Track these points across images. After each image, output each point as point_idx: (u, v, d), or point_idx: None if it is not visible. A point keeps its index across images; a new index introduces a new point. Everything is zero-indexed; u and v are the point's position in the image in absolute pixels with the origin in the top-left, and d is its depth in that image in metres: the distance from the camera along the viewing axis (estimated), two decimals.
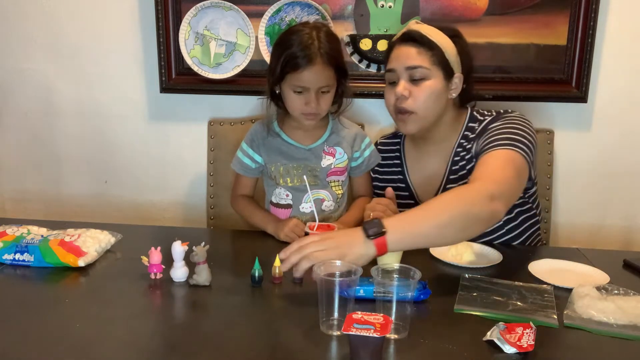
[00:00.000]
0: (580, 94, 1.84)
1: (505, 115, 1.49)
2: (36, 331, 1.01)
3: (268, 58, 1.65)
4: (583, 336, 1.02)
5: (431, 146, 1.57)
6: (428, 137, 1.56)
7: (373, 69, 1.88)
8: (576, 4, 1.77)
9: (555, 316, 1.07)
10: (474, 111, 1.55)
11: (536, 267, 1.29)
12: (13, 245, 1.29)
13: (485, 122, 1.49)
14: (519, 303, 1.11)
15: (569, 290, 1.16)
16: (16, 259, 1.28)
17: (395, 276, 1.05)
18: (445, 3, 1.81)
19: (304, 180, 1.52)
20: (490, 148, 1.37)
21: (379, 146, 1.70)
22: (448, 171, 1.54)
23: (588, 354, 0.99)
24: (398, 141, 1.67)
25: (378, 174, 1.69)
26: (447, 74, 1.46)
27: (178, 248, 1.19)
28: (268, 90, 1.53)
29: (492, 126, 1.46)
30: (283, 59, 1.45)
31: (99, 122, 2.08)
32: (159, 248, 1.21)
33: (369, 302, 1.06)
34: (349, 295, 1.02)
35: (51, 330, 1.02)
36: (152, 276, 1.21)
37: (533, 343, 0.94)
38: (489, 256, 1.36)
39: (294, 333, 1.03)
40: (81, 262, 1.26)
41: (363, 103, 1.92)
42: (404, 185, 1.62)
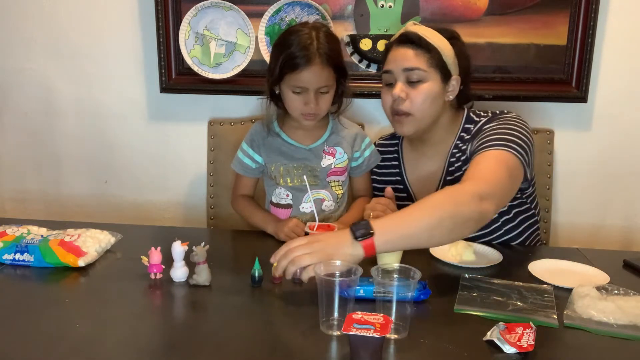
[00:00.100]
0: (580, 94, 1.84)
1: (500, 116, 1.48)
2: (36, 331, 1.01)
3: (268, 58, 1.65)
4: (583, 336, 1.02)
5: (428, 147, 1.57)
6: (425, 139, 1.55)
7: (373, 69, 1.88)
8: (576, 4, 1.77)
9: (555, 316, 1.07)
10: (471, 112, 1.55)
11: (536, 267, 1.29)
12: (13, 245, 1.29)
13: (480, 123, 1.49)
14: (519, 303, 1.11)
15: (569, 290, 1.16)
16: (16, 259, 1.28)
17: (395, 276, 1.05)
18: (445, 3, 1.81)
19: (304, 180, 1.52)
20: (483, 149, 1.37)
21: (378, 147, 1.70)
22: (445, 172, 1.54)
23: (588, 354, 0.99)
24: (396, 142, 1.67)
25: (376, 175, 1.68)
26: (445, 76, 1.45)
27: (178, 248, 1.19)
28: (267, 90, 1.53)
29: (487, 127, 1.45)
30: (282, 59, 1.45)
31: (99, 122, 2.09)
32: (159, 248, 1.21)
33: (369, 302, 1.06)
34: (349, 295, 1.02)
35: (51, 330, 1.02)
36: (152, 276, 1.21)
37: (533, 343, 0.94)
38: (489, 256, 1.37)
39: (294, 333, 1.03)
40: (81, 262, 1.26)
41: (363, 103, 1.92)
42: (402, 186, 1.62)
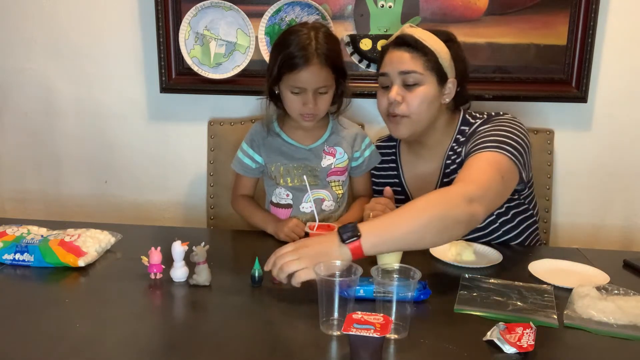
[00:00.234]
0: (580, 94, 1.84)
1: (495, 118, 1.48)
2: (36, 331, 1.01)
3: (268, 58, 1.65)
4: (583, 336, 1.02)
5: (425, 149, 1.57)
6: (422, 141, 1.55)
7: (373, 69, 1.88)
8: (576, 4, 1.77)
9: (555, 316, 1.07)
10: (467, 114, 1.54)
11: (536, 267, 1.29)
12: (13, 245, 1.29)
13: (475, 125, 1.49)
14: (519, 303, 1.11)
15: (569, 290, 1.16)
16: (16, 259, 1.28)
17: (395, 276, 1.05)
18: (445, 3, 1.81)
19: (304, 180, 1.52)
20: (476, 151, 1.36)
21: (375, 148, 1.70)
22: (442, 174, 1.54)
23: (588, 354, 0.99)
24: (394, 144, 1.66)
25: (375, 177, 1.68)
26: (441, 79, 1.45)
27: (178, 248, 1.19)
28: (267, 90, 1.53)
29: (481, 129, 1.45)
30: (280, 59, 1.45)
31: (99, 122, 2.08)
32: (159, 248, 1.21)
33: (369, 302, 1.06)
34: (349, 295, 1.02)
35: (51, 330, 1.02)
36: (152, 276, 1.21)
37: (533, 343, 0.94)
38: (489, 256, 1.36)
39: (294, 333, 1.03)
40: (81, 262, 1.26)
41: (363, 103, 1.92)
42: (400, 188, 1.62)
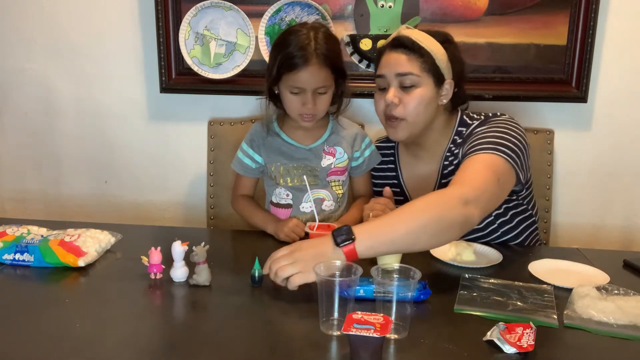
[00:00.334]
0: (580, 94, 1.84)
1: (492, 119, 1.48)
2: (36, 331, 1.01)
3: (268, 58, 1.65)
4: (583, 336, 1.02)
5: (423, 151, 1.57)
6: (420, 142, 1.55)
7: (373, 69, 1.87)
8: (576, 4, 1.77)
9: (555, 316, 1.06)
10: (464, 115, 1.54)
11: (536, 267, 1.29)
12: (13, 245, 1.29)
13: (472, 127, 1.48)
14: (519, 303, 1.11)
15: (569, 290, 1.16)
16: (16, 259, 1.28)
17: (395, 276, 1.05)
18: (445, 3, 1.81)
19: (304, 180, 1.52)
20: (472, 152, 1.36)
21: None
22: (440, 175, 1.54)
23: (588, 354, 0.99)
24: (392, 145, 1.66)
25: (374, 178, 1.68)
26: (438, 81, 1.44)
27: (178, 248, 1.19)
28: (266, 90, 1.53)
29: (478, 130, 1.45)
30: (280, 59, 1.45)
31: (99, 122, 2.08)
32: (159, 248, 1.21)
33: (369, 302, 1.06)
34: (349, 295, 1.02)
35: (51, 330, 1.02)
36: (152, 276, 1.21)
37: (533, 343, 0.94)
38: (489, 256, 1.36)
39: (294, 333, 1.03)
40: (81, 262, 1.26)
41: (363, 103, 1.92)
42: (399, 189, 1.61)
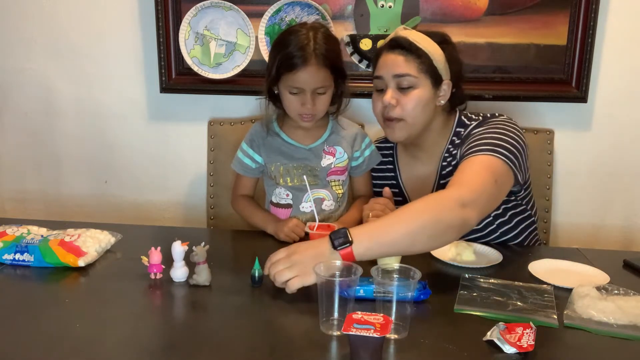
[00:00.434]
0: (580, 94, 1.84)
1: (490, 120, 1.47)
2: (36, 331, 1.01)
3: (268, 58, 1.65)
4: (583, 336, 1.02)
5: (421, 151, 1.56)
6: (418, 143, 1.55)
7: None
8: (576, 4, 1.77)
9: (555, 316, 1.07)
10: (462, 115, 1.54)
11: (536, 267, 1.29)
12: (13, 245, 1.29)
13: (470, 127, 1.48)
14: (519, 303, 1.11)
15: (569, 290, 1.16)
16: (16, 259, 1.28)
17: (395, 276, 1.05)
18: (445, 3, 1.81)
19: (304, 180, 1.52)
20: (470, 154, 1.35)
21: None
22: (438, 176, 1.54)
23: (588, 354, 0.99)
24: (391, 145, 1.66)
25: (373, 179, 1.68)
26: (435, 82, 1.44)
27: (178, 248, 1.19)
28: (266, 90, 1.53)
29: (475, 132, 1.44)
30: (279, 59, 1.45)
31: (99, 122, 2.08)
32: (159, 248, 1.21)
33: (369, 302, 1.06)
34: (349, 295, 1.02)
35: (51, 330, 1.02)
36: (152, 276, 1.21)
37: (533, 343, 0.94)
38: (489, 256, 1.36)
39: (294, 333, 1.03)
40: (81, 262, 1.26)
41: (363, 103, 1.92)
42: (398, 190, 1.61)
